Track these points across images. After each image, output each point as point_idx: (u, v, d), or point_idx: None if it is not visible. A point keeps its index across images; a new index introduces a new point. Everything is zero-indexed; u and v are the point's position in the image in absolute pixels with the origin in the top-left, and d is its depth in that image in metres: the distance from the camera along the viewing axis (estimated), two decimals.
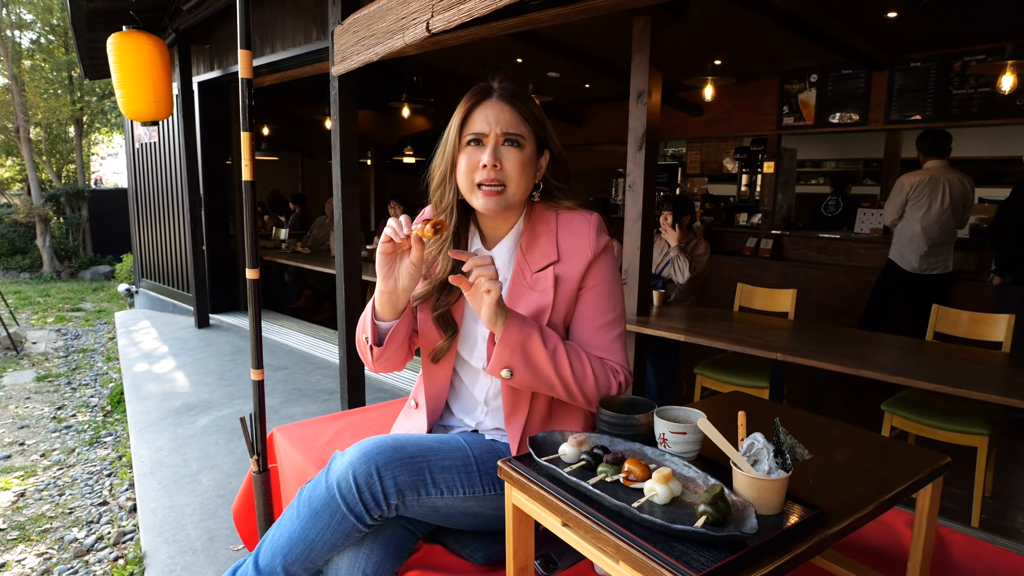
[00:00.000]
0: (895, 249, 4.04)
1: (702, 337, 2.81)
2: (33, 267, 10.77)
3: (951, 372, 2.32)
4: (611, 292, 1.27)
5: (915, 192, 3.84)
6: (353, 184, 2.92)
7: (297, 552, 1.16)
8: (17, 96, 10.41)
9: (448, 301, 1.29)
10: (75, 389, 4.78)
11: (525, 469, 1.02)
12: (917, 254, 3.89)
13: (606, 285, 1.26)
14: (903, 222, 3.93)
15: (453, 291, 1.28)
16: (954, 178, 3.79)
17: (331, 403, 3.60)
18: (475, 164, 1.20)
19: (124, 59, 3.68)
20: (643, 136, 3.00)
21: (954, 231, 3.88)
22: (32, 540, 2.65)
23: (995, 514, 2.51)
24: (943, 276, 3.92)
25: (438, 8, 1.86)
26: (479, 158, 1.19)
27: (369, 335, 1.25)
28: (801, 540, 0.83)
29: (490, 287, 1.09)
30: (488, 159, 1.18)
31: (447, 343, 1.29)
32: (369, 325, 1.25)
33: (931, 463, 1.07)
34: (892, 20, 3.96)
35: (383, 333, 1.26)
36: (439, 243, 1.29)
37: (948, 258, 3.91)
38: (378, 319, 1.25)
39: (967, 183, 3.81)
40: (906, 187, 3.87)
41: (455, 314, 1.30)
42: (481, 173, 1.19)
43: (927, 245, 3.85)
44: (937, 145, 3.83)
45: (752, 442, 0.91)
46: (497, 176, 1.19)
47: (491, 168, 1.18)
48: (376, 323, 1.25)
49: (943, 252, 3.88)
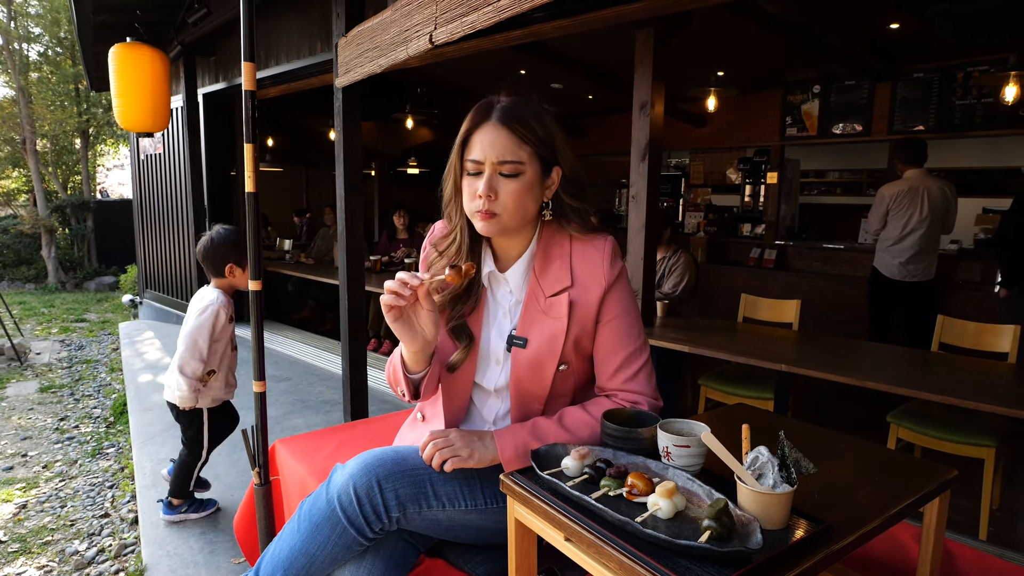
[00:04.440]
0: (878, 256, 4.08)
1: (706, 348, 2.80)
2: (38, 278, 10.81)
3: (958, 383, 2.30)
4: (631, 322, 1.26)
5: (895, 202, 3.87)
6: (357, 195, 2.92)
7: (298, 566, 1.15)
8: (24, 108, 10.50)
9: (463, 312, 1.27)
10: (78, 400, 4.78)
11: (527, 483, 1.01)
12: (897, 261, 3.93)
13: (626, 316, 1.25)
14: (885, 231, 3.96)
15: (467, 301, 1.27)
16: (933, 186, 3.81)
17: (334, 414, 3.59)
18: (473, 192, 1.18)
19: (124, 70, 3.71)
20: (646, 147, 3.00)
21: (936, 239, 3.91)
22: (33, 553, 2.64)
23: (1003, 527, 2.48)
24: (926, 284, 3.93)
25: (441, 20, 1.87)
26: (476, 186, 1.17)
27: (405, 390, 1.23)
28: (807, 555, 0.82)
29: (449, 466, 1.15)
30: (483, 190, 1.16)
31: (464, 353, 1.27)
32: (403, 380, 1.23)
33: (938, 476, 1.06)
34: (894, 31, 3.98)
35: (418, 381, 1.24)
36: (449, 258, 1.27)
37: (931, 266, 3.93)
38: (412, 373, 1.24)
39: (948, 190, 3.84)
40: (886, 198, 3.91)
41: (472, 326, 1.29)
42: (477, 203, 1.17)
43: (908, 253, 3.88)
44: (914, 153, 3.86)
45: (756, 456, 0.90)
46: (491, 208, 1.17)
47: (486, 199, 1.16)
48: (411, 377, 1.24)
49: (924, 260, 3.90)
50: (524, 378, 1.23)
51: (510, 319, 1.27)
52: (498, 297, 1.29)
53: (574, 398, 1.30)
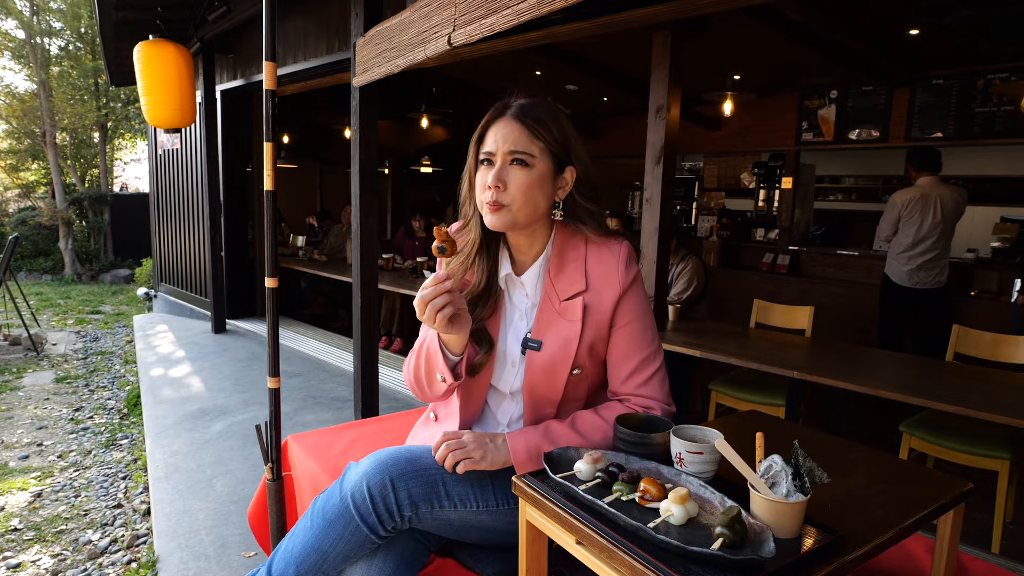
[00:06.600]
0: (888, 263, 4.07)
1: (718, 353, 2.79)
2: (55, 269, 10.96)
3: (972, 394, 2.28)
4: (645, 327, 1.26)
5: (907, 209, 3.86)
6: (371, 194, 2.94)
7: (310, 562, 1.16)
8: (45, 102, 10.64)
9: (482, 316, 1.27)
10: (93, 391, 4.84)
11: (539, 485, 1.02)
12: (907, 268, 3.92)
13: (640, 321, 1.25)
14: (896, 238, 3.95)
15: (487, 305, 1.27)
16: (946, 193, 3.80)
17: (345, 411, 3.61)
18: (484, 183, 1.20)
19: (150, 67, 3.75)
20: (661, 151, 3.00)
21: (947, 247, 3.89)
22: (48, 541, 2.68)
23: (1017, 540, 2.46)
24: (936, 291, 3.91)
25: (460, 22, 1.88)
26: (487, 177, 1.19)
27: (445, 373, 1.20)
28: (819, 565, 0.82)
29: (461, 467, 1.15)
30: (492, 179, 1.17)
31: (484, 357, 1.26)
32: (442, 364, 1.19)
33: (953, 489, 1.05)
34: (914, 37, 3.94)
35: (457, 363, 1.22)
36: (460, 260, 1.28)
37: (941, 273, 3.90)
38: (456, 354, 1.21)
39: (960, 198, 3.82)
40: (898, 204, 3.90)
41: (490, 329, 1.29)
42: (486, 194, 1.19)
43: (918, 260, 3.86)
44: (928, 161, 3.86)
45: (770, 464, 0.90)
46: (499, 198, 1.17)
47: (494, 189, 1.17)
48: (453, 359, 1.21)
49: (935, 267, 3.87)
50: (537, 381, 1.24)
51: (526, 322, 1.27)
52: (515, 300, 1.30)
53: (587, 402, 1.30)
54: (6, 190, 12.34)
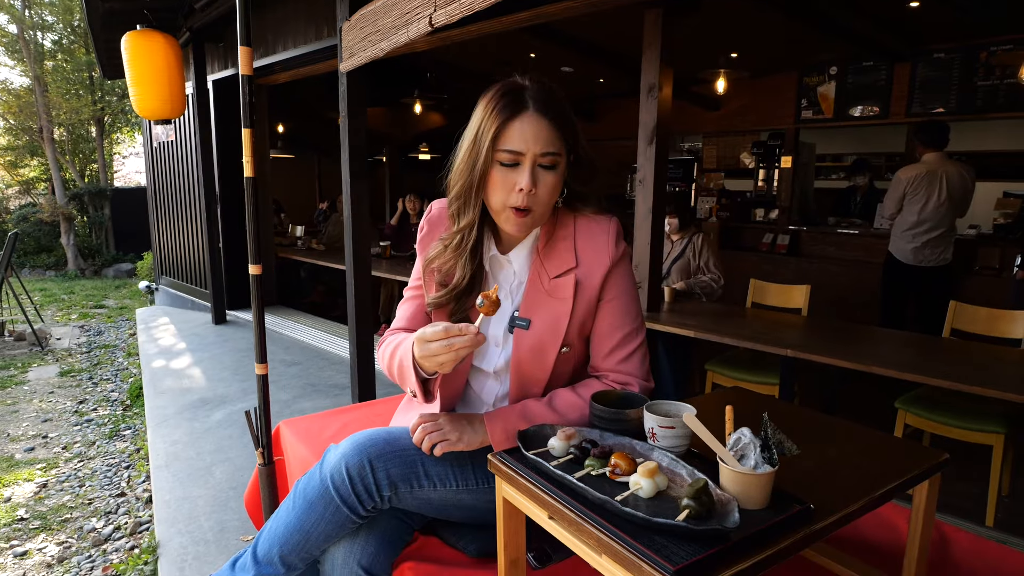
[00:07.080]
0: (892, 241, 4.01)
1: (712, 333, 2.78)
2: (58, 265, 11.01)
3: (967, 369, 2.27)
4: (630, 303, 1.25)
5: (912, 186, 3.80)
6: (362, 179, 2.93)
7: (293, 543, 1.18)
8: (40, 97, 10.63)
9: (465, 307, 1.26)
10: (96, 384, 4.88)
11: (514, 462, 1.02)
12: (911, 246, 3.87)
13: (625, 296, 1.25)
14: (901, 215, 3.89)
15: (471, 297, 1.25)
16: (952, 170, 3.73)
17: (343, 398, 3.63)
18: (510, 185, 1.13)
19: (137, 58, 3.73)
20: (653, 130, 2.97)
21: (953, 224, 3.83)
22: (53, 529, 2.72)
23: (1011, 514, 2.46)
24: (940, 268, 3.86)
25: (440, 2, 1.86)
26: (514, 179, 1.12)
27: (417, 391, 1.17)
28: (785, 535, 0.82)
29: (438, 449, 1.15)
30: (526, 184, 1.11)
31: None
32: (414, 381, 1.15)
33: (927, 460, 1.05)
34: (914, 10, 3.88)
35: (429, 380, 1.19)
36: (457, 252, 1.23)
37: (946, 251, 3.85)
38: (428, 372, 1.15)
39: (967, 175, 3.74)
40: (903, 181, 3.84)
41: (472, 319, 1.26)
42: (516, 197, 1.13)
43: (924, 238, 3.82)
44: (935, 136, 3.78)
45: (739, 437, 0.90)
46: (530, 202, 1.14)
47: (527, 194, 1.12)
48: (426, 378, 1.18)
49: (940, 245, 3.83)
50: (525, 360, 1.23)
51: (512, 300, 1.26)
52: (500, 279, 1.27)
53: (571, 379, 1.30)
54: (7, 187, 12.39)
